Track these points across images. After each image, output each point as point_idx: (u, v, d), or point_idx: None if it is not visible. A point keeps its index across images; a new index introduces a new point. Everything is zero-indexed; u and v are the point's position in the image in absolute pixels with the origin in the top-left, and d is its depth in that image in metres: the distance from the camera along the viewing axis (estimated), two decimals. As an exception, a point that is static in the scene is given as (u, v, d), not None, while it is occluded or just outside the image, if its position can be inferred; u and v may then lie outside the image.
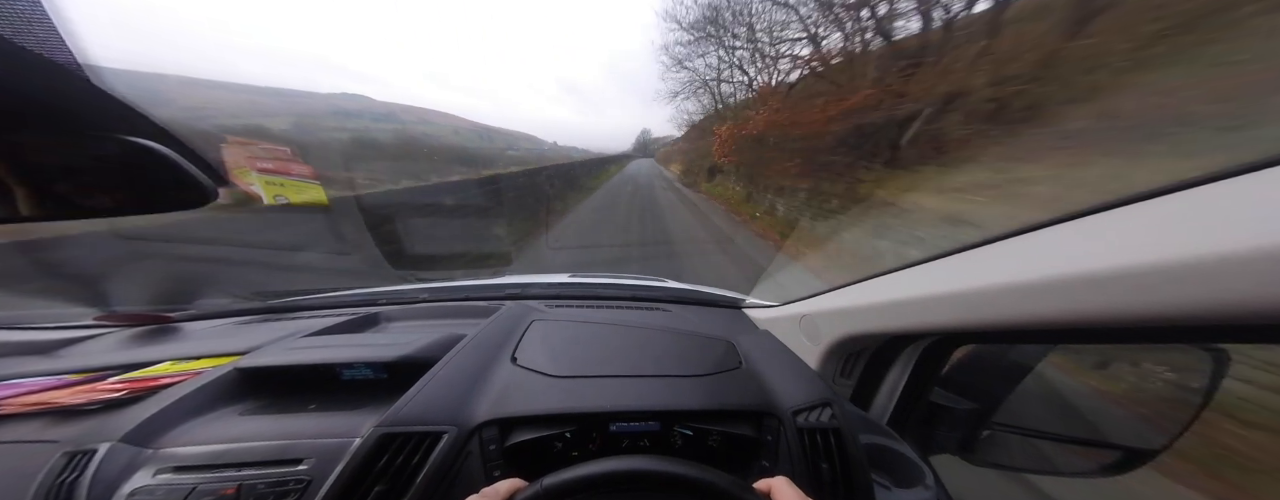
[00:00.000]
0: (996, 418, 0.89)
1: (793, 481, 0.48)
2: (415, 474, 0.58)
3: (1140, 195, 0.48)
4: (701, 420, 0.70)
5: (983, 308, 0.63)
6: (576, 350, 0.92)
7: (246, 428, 0.72)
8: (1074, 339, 0.71)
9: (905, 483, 0.75)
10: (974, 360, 0.96)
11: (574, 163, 26.74)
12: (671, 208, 14.25)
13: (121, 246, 3.17)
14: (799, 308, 1.19)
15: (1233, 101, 3.27)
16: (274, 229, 4.38)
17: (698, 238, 9.14)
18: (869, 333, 0.95)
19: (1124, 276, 0.45)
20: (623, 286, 1.69)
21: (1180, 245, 0.41)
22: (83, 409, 0.84)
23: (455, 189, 9.07)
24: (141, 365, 0.99)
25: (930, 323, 0.76)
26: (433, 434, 0.62)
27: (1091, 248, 0.51)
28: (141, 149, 0.46)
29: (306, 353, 0.91)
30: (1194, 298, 0.40)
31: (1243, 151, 0.42)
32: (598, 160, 34.35)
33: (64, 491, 0.58)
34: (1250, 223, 0.37)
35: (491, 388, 0.74)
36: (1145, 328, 0.52)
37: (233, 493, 0.58)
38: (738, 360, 0.90)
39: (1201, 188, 0.43)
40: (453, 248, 6.31)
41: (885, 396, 1.00)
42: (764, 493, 0.47)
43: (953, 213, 5.10)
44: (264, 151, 3.25)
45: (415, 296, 1.52)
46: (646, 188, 22.47)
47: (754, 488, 0.48)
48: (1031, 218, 0.61)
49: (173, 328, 1.34)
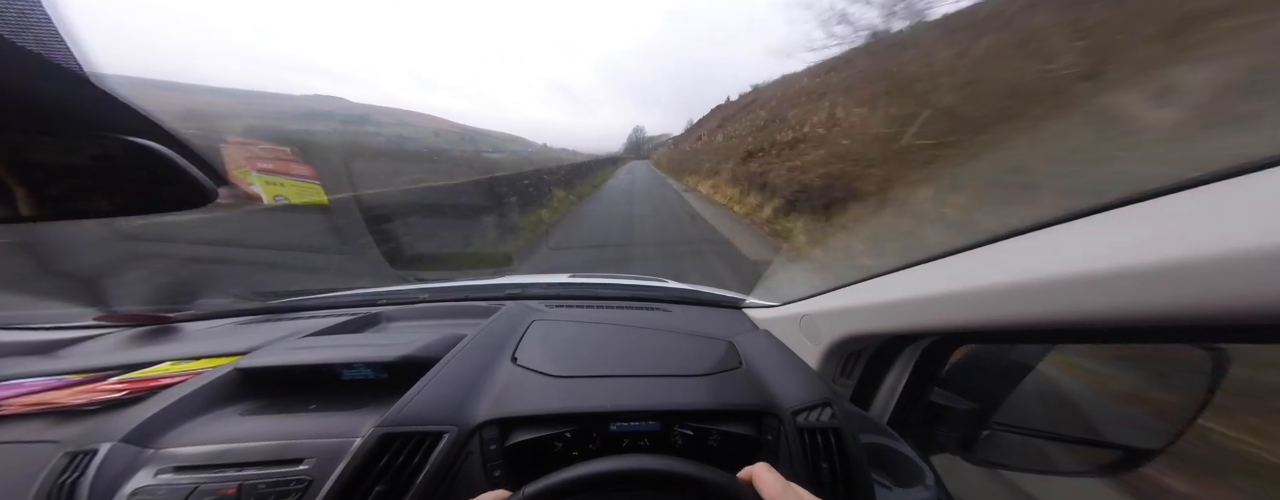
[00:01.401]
0: (996, 417, 0.89)
1: (793, 481, 0.48)
2: (416, 474, 0.58)
3: (1140, 195, 0.48)
4: (702, 420, 0.70)
5: (983, 308, 0.63)
6: (577, 350, 0.92)
7: (247, 428, 0.72)
8: (1074, 339, 0.71)
9: (905, 482, 0.75)
10: (974, 360, 0.97)
11: (537, 169, 15.20)
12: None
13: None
14: (799, 308, 1.19)
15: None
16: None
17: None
18: (869, 332, 0.95)
19: (1124, 276, 0.45)
20: (623, 287, 1.69)
21: (1180, 245, 0.41)
22: (83, 409, 0.84)
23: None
24: (142, 365, 0.99)
25: (930, 323, 0.76)
26: (433, 434, 0.62)
27: (1091, 248, 0.51)
28: (141, 149, 0.46)
29: (307, 353, 0.91)
30: (1194, 298, 0.40)
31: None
32: (572, 166, 21.78)
33: (65, 492, 0.58)
34: (1250, 223, 0.37)
35: (492, 388, 0.74)
36: (1145, 328, 0.52)
37: (233, 493, 0.58)
38: (738, 360, 0.90)
39: (1201, 188, 0.43)
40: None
41: (885, 396, 1.01)
42: (746, 481, 0.48)
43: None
44: (264, 151, 3.25)
45: (415, 296, 1.52)
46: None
47: (736, 477, 0.48)
48: (1031, 218, 0.61)
49: (173, 328, 1.34)
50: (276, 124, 44.53)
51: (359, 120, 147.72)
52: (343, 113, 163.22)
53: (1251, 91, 2.04)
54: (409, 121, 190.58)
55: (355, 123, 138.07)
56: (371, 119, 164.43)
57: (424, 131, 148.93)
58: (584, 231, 9.81)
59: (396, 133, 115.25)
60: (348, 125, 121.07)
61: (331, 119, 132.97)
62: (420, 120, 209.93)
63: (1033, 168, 3.26)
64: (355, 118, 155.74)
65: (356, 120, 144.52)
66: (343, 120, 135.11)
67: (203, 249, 3.62)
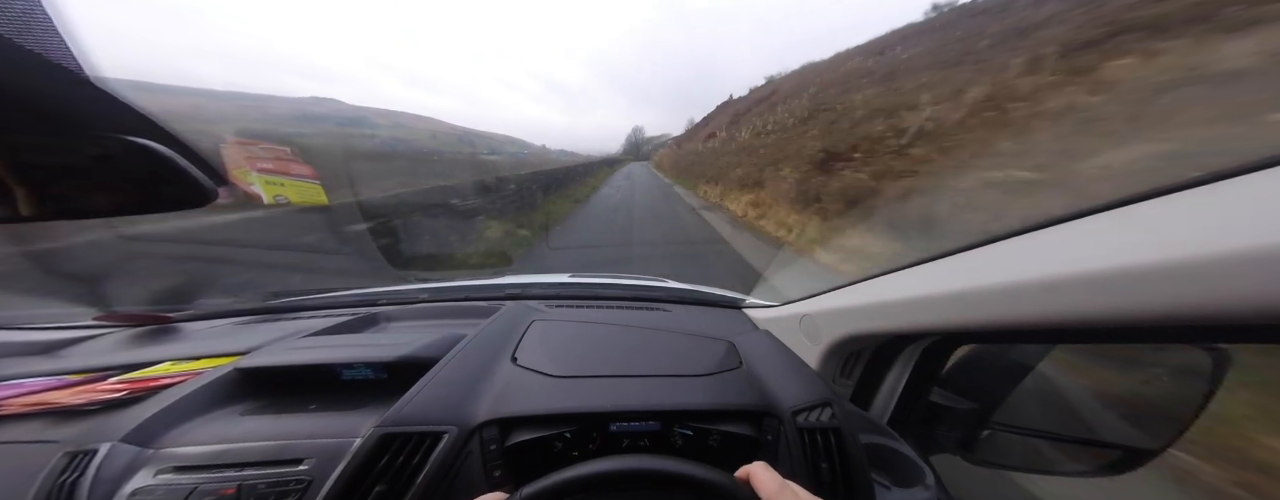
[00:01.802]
0: (996, 418, 0.89)
1: (792, 481, 0.48)
2: (416, 474, 0.58)
3: (1140, 195, 0.48)
4: (701, 420, 0.70)
5: (983, 307, 0.63)
6: (577, 350, 0.92)
7: (247, 428, 0.72)
8: (1074, 339, 0.71)
9: (905, 482, 0.75)
10: (974, 360, 0.96)
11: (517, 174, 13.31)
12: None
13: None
14: (799, 308, 1.19)
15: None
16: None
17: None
18: (869, 332, 0.95)
19: (1124, 276, 0.45)
20: (623, 286, 1.69)
21: (1180, 245, 0.41)
22: (83, 409, 0.84)
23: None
24: (142, 365, 0.99)
25: (930, 322, 0.76)
26: (433, 434, 0.62)
27: (1091, 248, 0.51)
28: (141, 149, 0.46)
29: (307, 353, 0.91)
30: (1194, 298, 0.40)
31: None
32: (550, 173, 17.08)
33: (65, 491, 0.58)
34: (1250, 223, 0.37)
35: (492, 388, 0.74)
36: (1145, 328, 0.52)
37: (233, 493, 0.58)
38: (738, 360, 0.90)
39: (1201, 188, 0.43)
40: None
41: (885, 396, 1.01)
42: (743, 480, 0.48)
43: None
44: (264, 152, 3.25)
45: (415, 296, 1.52)
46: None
47: (733, 476, 0.48)
48: (1031, 218, 0.60)
49: (173, 328, 1.34)
50: (270, 127, 43.12)
51: (354, 122, 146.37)
52: (337, 115, 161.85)
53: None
54: (405, 123, 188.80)
55: (351, 124, 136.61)
56: (366, 121, 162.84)
57: (421, 133, 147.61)
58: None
59: (391, 135, 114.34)
60: (343, 127, 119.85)
61: (326, 121, 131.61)
62: (417, 122, 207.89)
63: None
64: (351, 119, 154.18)
65: (352, 122, 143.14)
66: (337, 122, 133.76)
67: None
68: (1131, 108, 5.32)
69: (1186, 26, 5.97)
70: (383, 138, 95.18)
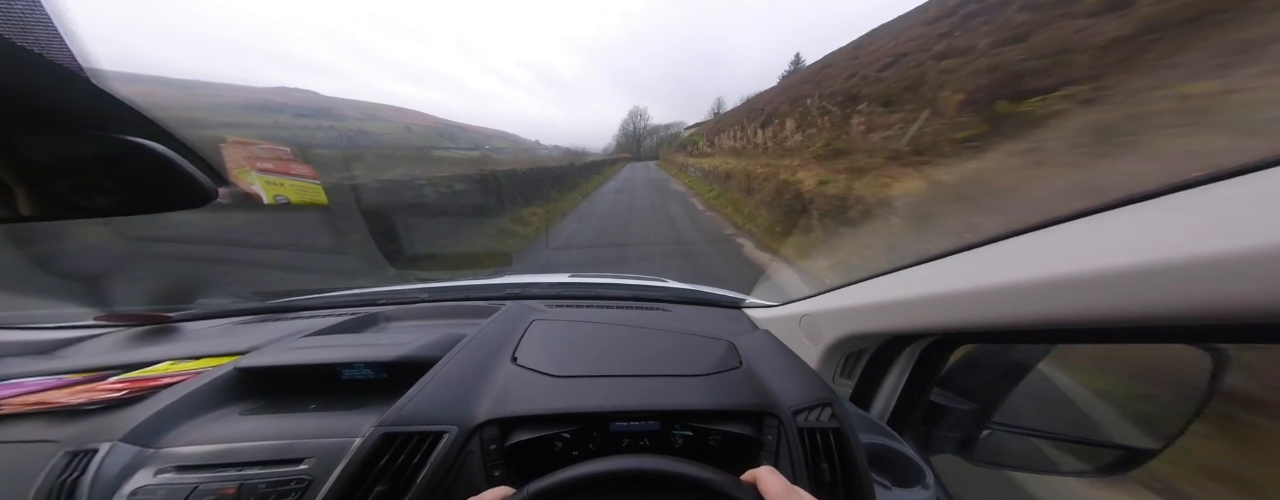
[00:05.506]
0: (996, 418, 0.89)
1: (792, 481, 0.48)
2: (416, 473, 0.58)
3: (1140, 195, 0.48)
4: (702, 420, 0.70)
5: (982, 308, 0.63)
6: (577, 350, 0.92)
7: (247, 427, 0.72)
8: (1074, 339, 0.71)
9: (905, 482, 0.75)
10: (974, 360, 0.97)
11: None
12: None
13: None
14: (799, 307, 1.19)
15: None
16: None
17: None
18: (869, 332, 0.95)
19: (1124, 276, 0.45)
20: (623, 286, 1.69)
21: (1180, 245, 0.41)
22: (83, 409, 0.84)
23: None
24: (142, 365, 0.99)
25: (930, 322, 0.76)
26: (433, 434, 0.62)
27: (1092, 247, 0.51)
28: (141, 149, 0.46)
29: (307, 353, 0.91)
30: (1194, 298, 0.40)
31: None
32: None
33: (65, 491, 0.58)
34: (1250, 223, 0.37)
35: (492, 387, 0.74)
36: (1145, 328, 0.52)
37: (233, 492, 0.58)
38: (738, 360, 0.90)
39: (1201, 188, 0.43)
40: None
41: (885, 396, 1.01)
42: (750, 484, 0.48)
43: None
44: (264, 151, 3.25)
45: (415, 296, 1.52)
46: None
47: (740, 480, 0.48)
48: (1031, 218, 0.60)
49: (173, 328, 1.34)
50: (202, 115, 39.34)
51: (319, 114, 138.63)
52: (299, 106, 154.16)
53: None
54: (379, 115, 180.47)
55: (312, 116, 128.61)
56: (334, 112, 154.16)
57: (395, 127, 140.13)
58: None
59: (359, 127, 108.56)
60: (301, 119, 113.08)
61: (283, 112, 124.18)
62: (393, 114, 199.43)
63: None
64: (315, 111, 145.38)
65: (313, 114, 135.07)
66: (294, 114, 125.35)
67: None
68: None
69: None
70: (344, 130, 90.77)
